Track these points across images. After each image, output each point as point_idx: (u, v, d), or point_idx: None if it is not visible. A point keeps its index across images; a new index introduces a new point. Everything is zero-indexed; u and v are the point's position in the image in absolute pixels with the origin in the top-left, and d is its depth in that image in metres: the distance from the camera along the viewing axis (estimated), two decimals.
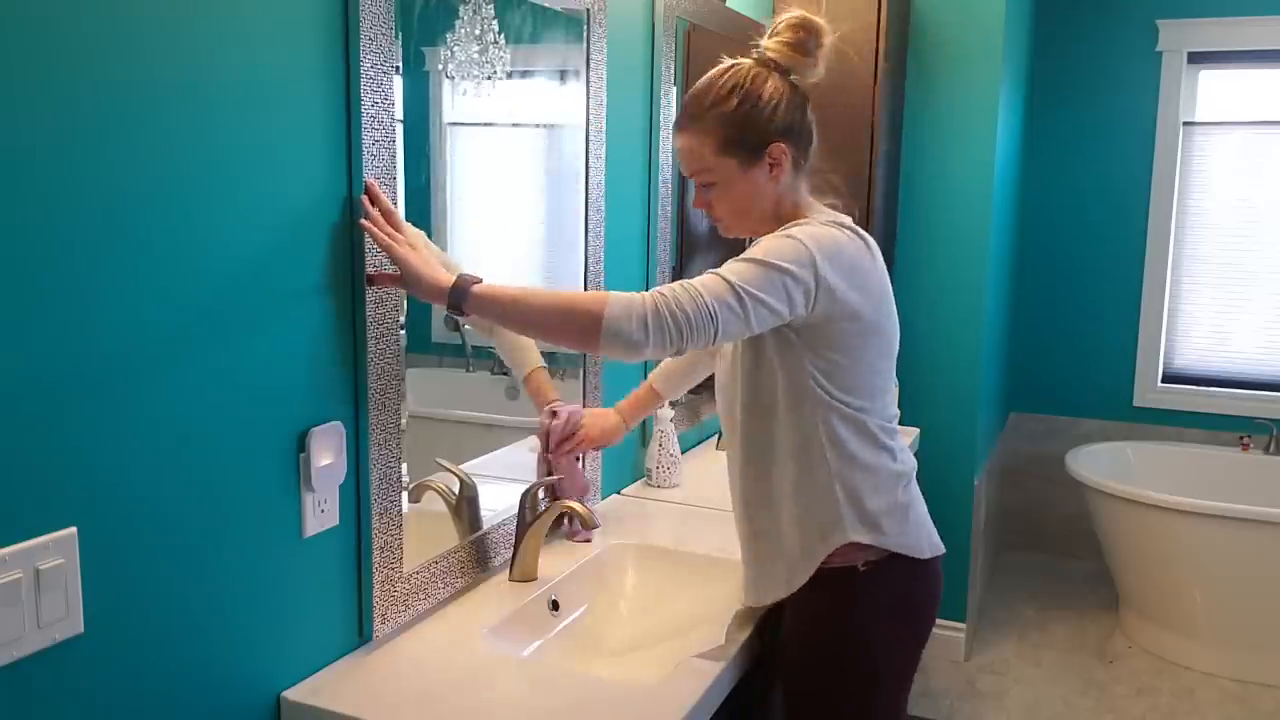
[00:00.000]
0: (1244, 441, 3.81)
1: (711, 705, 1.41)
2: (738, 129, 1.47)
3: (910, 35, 3.27)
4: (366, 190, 1.36)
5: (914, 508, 1.54)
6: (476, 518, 1.72)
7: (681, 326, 1.31)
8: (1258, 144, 3.85)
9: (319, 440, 1.34)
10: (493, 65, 1.65)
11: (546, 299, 1.38)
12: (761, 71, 1.50)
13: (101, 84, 1.02)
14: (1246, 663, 3.26)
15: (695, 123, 1.49)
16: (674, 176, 2.35)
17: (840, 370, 1.45)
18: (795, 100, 1.51)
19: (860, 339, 1.46)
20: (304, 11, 1.26)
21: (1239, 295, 3.93)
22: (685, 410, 2.53)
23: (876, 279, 1.48)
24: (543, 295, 1.39)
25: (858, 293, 1.43)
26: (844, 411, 1.46)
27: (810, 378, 1.45)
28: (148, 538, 1.12)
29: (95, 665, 1.07)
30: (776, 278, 1.36)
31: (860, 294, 1.43)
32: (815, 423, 1.46)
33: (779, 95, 1.49)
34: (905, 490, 1.53)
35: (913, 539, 1.51)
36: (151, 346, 1.10)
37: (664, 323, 1.31)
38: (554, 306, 1.36)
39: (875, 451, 1.49)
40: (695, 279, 1.35)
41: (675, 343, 1.32)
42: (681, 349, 1.33)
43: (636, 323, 1.30)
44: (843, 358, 1.45)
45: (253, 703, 1.29)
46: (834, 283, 1.39)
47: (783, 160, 1.49)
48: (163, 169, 1.09)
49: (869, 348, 1.47)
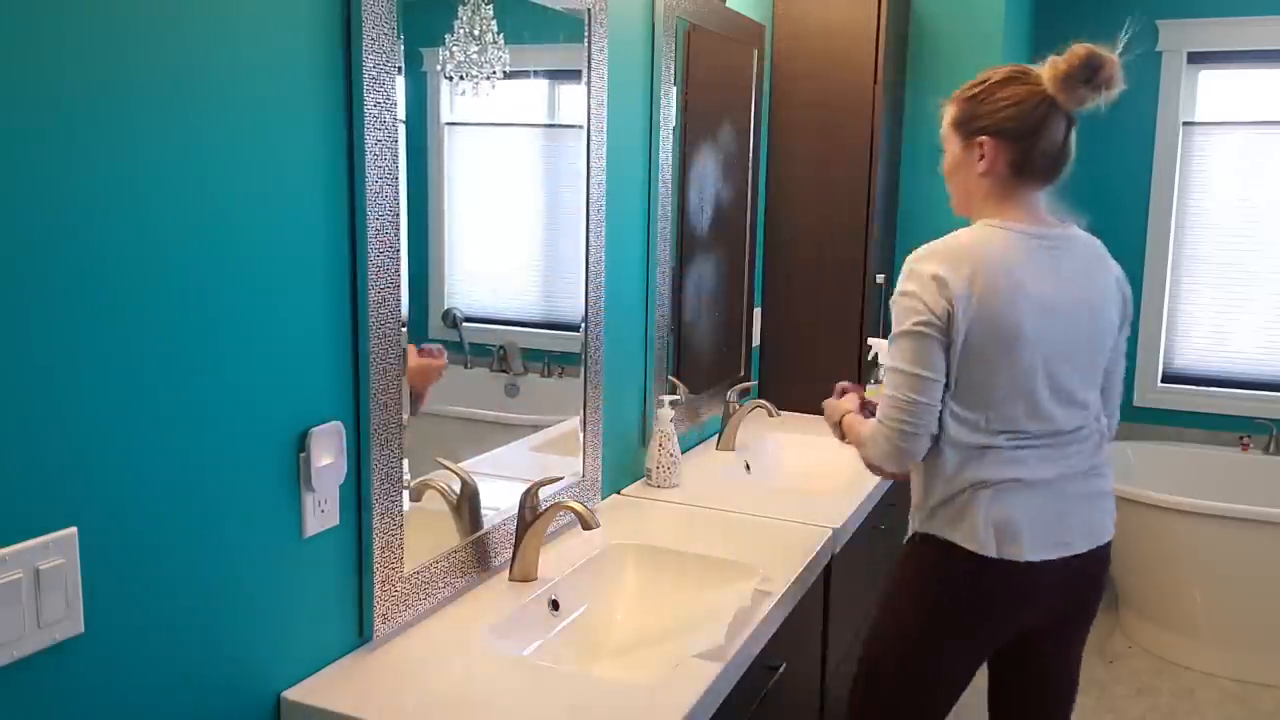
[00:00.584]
0: (1244, 441, 3.81)
1: (711, 705, 1.41)
2: (966, 113, 1.66)
3: (910, 36, 3.27)
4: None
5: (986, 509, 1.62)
6: (477, 517, 1.72)
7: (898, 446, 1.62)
8: (1258, 144, 3.85)
9: (319, 440, 1.34)
10: (492, 65, 1.65)
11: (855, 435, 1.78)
12: (1017, 76, 1.64)
13: (100, 84, 1.02)
14: (1246, 663, 3.26)
15: (953, 98, 1.70)
16: (674, 176, 2.35)
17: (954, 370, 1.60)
18: (1037, 111, 1.61)
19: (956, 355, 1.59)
20: (303, 12, 1.26)
21: (1239, 295, 3.93)
22: (685, 410, 2.53)
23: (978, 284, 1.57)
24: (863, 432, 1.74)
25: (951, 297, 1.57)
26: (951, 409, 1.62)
27: None
28: (148, 538, 1.12)
29: (95, 665, 1.07)
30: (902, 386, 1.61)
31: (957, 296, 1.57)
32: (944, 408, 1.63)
33: (1015, 100, 1.61)
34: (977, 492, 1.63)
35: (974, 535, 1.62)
36: (151, 346, 1.10)
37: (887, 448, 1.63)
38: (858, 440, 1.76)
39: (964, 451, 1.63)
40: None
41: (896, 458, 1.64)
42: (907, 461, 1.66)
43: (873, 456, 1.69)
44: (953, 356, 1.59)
45: (253, 703, 1.29)
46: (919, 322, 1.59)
47: (991, 155, 1.63)
48: (163, 169, 1.09)
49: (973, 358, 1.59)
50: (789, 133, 3.06)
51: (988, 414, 1.61)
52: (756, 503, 2.19)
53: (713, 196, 2.64)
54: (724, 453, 2.64)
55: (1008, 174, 1.64)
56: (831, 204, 3.02)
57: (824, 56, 2.99)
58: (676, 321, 2.47)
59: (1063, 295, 1.63)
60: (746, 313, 2.96)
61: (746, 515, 2.12)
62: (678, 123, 2.36)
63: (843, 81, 2.98)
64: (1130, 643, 3.51)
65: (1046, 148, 1.63)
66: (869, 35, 2.94)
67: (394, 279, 1.43)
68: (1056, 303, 1.62)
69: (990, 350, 1.58)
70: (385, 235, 1.40)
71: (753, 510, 2.15)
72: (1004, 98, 1.62)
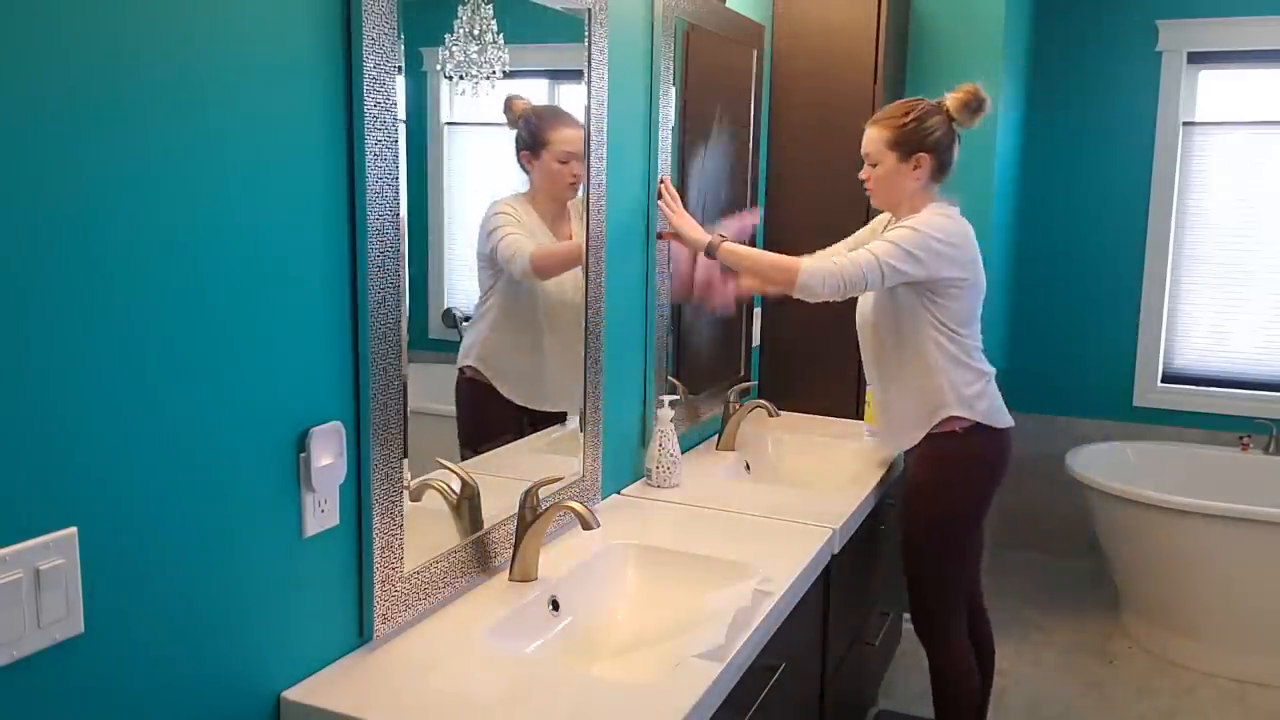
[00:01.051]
0: (1244, 441, 3.81)
1: (711, 705, 1.41)
2: (902, 137, 2.23)
3: (910, 36, 3.27)
4: (660, 181, 2.28)
5: (995, 396, 2.31)
6: (477, 517, 1.72)
7: (844, 286, 2.17)
8: (1257, 144, 3.85)
9: (319, 440, 1.34)
10: (492, 65, 1.65)
11: (766, 260, 2.28)
12: (933, 109, 2.25)
13: (101, 85, 1.01)
14: (1246, 663, 3.26)
15: (881, 122, 2.27)
16: (674, 176, 2.35)
17: (947, 309, 2.23)
18: (949, 136, 2.26)
19: (959, 288, 2.23)
20: (304, 12, 1.26)
21: (1238, 295, 3.93)
22: (685, 410, 2.53)
23: (970, 249, 2.25)
24: (763, 257, 2.30)
25: (956, 260, 2.20)
26: (949, 334, 2.25)
27: (926, 311, 2.24)
28: (148, 538, 1.12)
29: (95, 665, 1.07)
30: (903, 254, 2.16)
31: (959, 260, 2.21)
32: (927, 340, 2.25)
33: (938, 126, 2.24)
34: (988, 384, 2.30)
35: (993, 416, 2.29)
36: (151, 347, 1.10)
37: (836, 283, 2.16)
38: (771, 265, 2.26)
39: (969, 358, 2.27)
40: (855, 253, 2.18)
41: (840, 294, 2.18)
42: (843, 297, 2.20)
43: (817, 281, 2.17)
44: (949, 301, 2.23)
45: (253, 703, 1.29)
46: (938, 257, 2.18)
47: (924, 166, 2.24)
48: (163, 169, 1.09)
49: (965, 296, 2.25)
50: (789, 133, 3.06)
51: (969, 329, 2.28)
52: (756, 503, 2.19)
53: (713, 196, 2.64)
54: (724, 453, 2.64)
55: (928, 179, 2.26)
56: (831, 203, 3.02)
57: (824, 56, 2.99)
58: (676, 321, 2.47)
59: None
60: (746, 313, 2.96)
61: (746, 515, 2.12)
62: (677, 123, 2.36)
63: (843, 81, 2.98)
64: (1130, 643, 3.51)
65: (953, 158, 2.28)
66: (869, 35, 2.94)
67: (394, 279, 1.42)
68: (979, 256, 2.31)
69: (975, 286, 2.27)
70: (385, 235, 1.40)
71: (753, 510, 2.15)
72: (931, 125, 2.23)
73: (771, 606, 1.66)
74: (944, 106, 2.24)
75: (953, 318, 2.24)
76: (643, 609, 1.81)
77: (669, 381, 2.45)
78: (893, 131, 2.23)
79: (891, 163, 2.24)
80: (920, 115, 2.23)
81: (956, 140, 2.27)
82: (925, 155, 2.22)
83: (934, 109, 2.24)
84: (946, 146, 2.25)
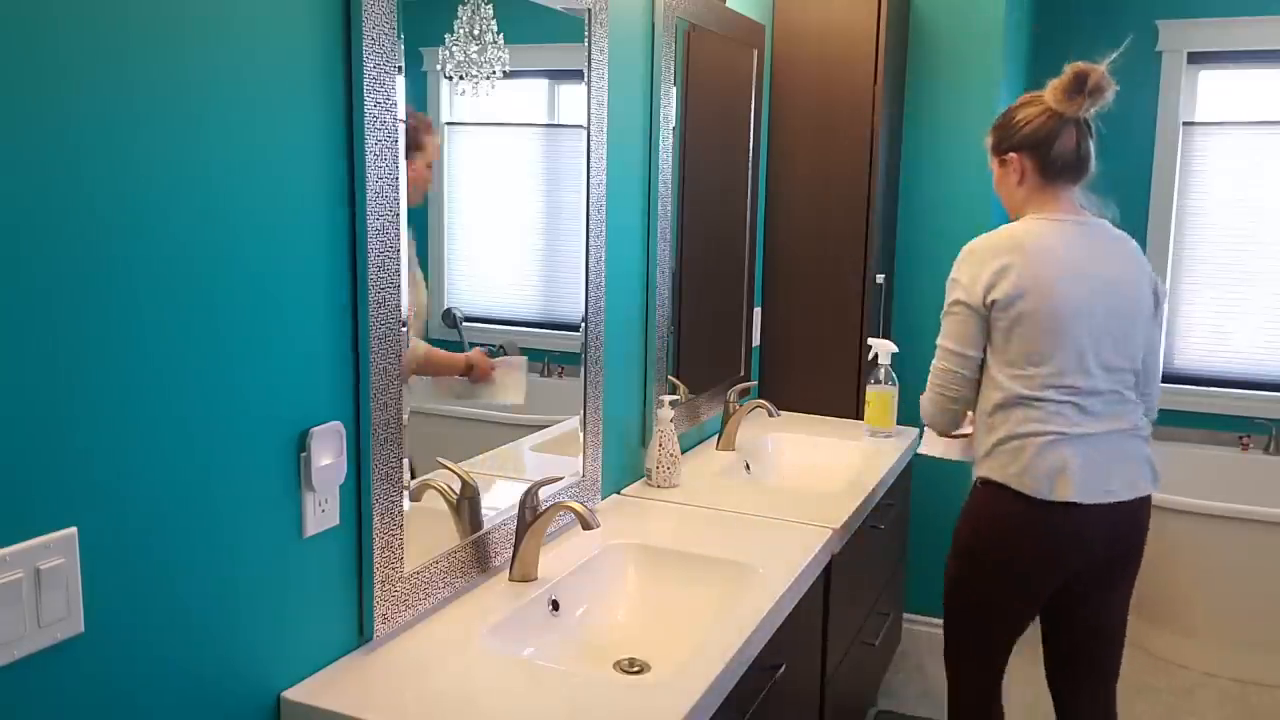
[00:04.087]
0: (1244, 441, 3.81)
1: (711, 705, 1.41)
2: (996, 139, 2.03)
3: (910, 35, 3.27)
4: None
5: (1041, 455, 1.89)
6: (477, 517, 1.72)
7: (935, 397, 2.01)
8: (1258, 144, 3.85)
9: (319, 440, 1.34)
10: (492, 65, 1.65)
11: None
12: (1028, 100, 1.99)
13: (102, 85, 1.02)
14: (1246, 663, 3.26)
15: (988, 132, 2.07)
16: (674, 176, 2.35)
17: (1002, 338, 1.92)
18: (1047, 124, 1.95)
19: (1005, 313, 1.90)
20: (303, 12, 1.26)
21: (1239, 295, 3.93)
22: (685, 410, 2.53)
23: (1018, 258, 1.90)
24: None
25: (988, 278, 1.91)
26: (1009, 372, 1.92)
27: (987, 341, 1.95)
28: (148, 538, 1.12)
29: (95, 665, 1.07)
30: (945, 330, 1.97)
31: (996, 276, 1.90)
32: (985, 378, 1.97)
33: (1028, 119, 1.97)
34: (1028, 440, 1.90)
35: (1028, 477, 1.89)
36: (152, 347, 1.10)
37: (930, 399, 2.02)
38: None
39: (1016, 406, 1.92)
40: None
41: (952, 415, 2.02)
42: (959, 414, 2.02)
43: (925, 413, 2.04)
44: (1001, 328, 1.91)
45: (253, 703, 1.29)
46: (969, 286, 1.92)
47: (1021, 166, 1.98)
48: (163, 169, 1.09)
49: (1021, 321, 1.89)
50: (789, 133, 3.06)
51: (1037, 369, 1.89)
52: (756, 503, 2.19)
53: (713, 196, 2.64)
54: (724, 453, 2.64)
55: (1037, 179, 1.97)
56: (831, 204, 3.02)
57: (824, 56, 2.99)
58: (676, 321, 2.47)
59: (1092, 264, 1.93)
60: (746, 313, 2.96)
61: (746, 515, 2.12)
62: (678, 123, 2.36)
63: (843, 82, 2.98)
64: (1130, 642, 3.51)
65: (1062, 151, 1.95)
66: (869, 35, 2.94)
67: (394, 279, 1.43)
68: (1086, 269, 1.91)
69: (1033, 313, 1.88)
70: (385, 235, 1.40)
71: (753, 510, 2.15)
72: (1020, 119, 1.97)
73: (771, 606, 1.66)
74: (1041, 96, 1.97)
75: (1010, 348, 1.91)
76: (642, 609, 1.81)
77: (669, 381, 2.45)
78: (990, 134, 2.05)
79: (995, 169, 2.05)
80: (1011, 109, 2.01)
81: (1067, 131, 1.94)
82: (1017, 154, 1.98)
83: (1030, 100, 1.99)
84: (1046, 140, 1.94)
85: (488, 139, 1.75)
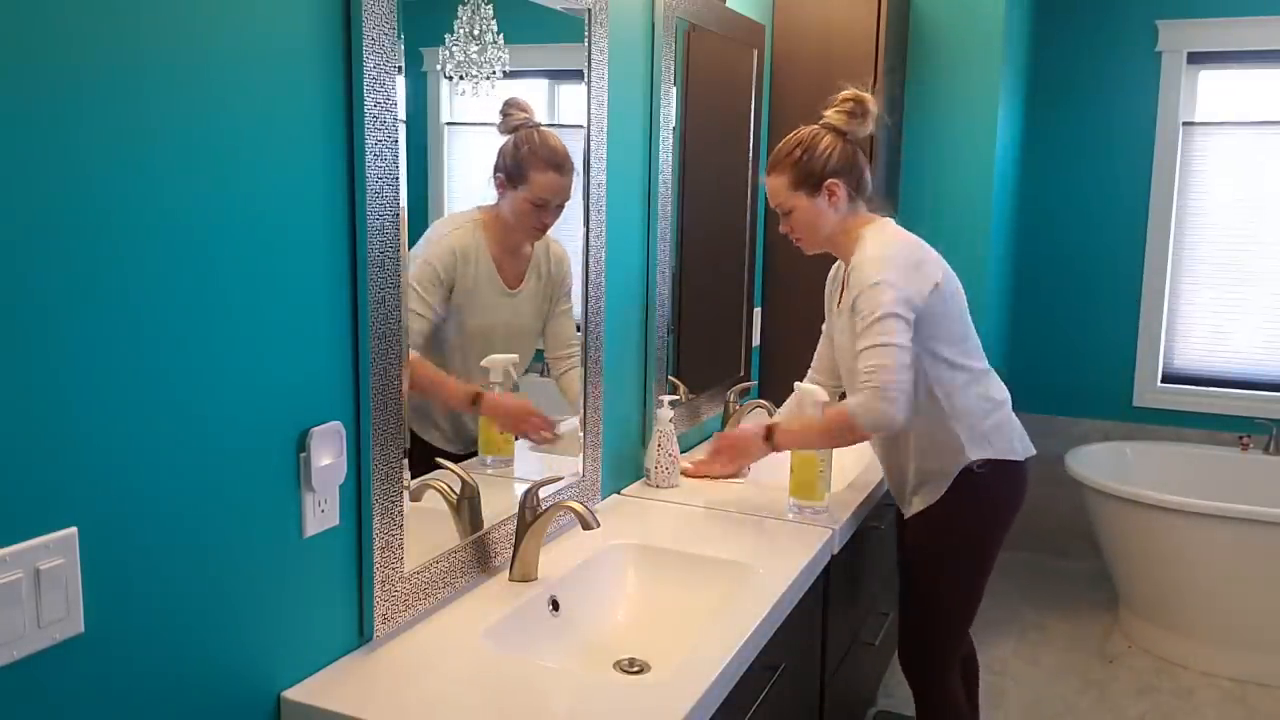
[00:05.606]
0: (1244, 441, 3.81)
1: (711, 705, 1.41)
2: (802, 173, 2.06)
3: (910, 35, 3.27)
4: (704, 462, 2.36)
5: (1010, 423, 2.12)
6: (477, 517, 1.72)
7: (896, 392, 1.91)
8: (1257, 144, 3.85)
9: (319, 440, 1.34)
10: (492, 65, 1.65)
11: (820, 428, 2.06)
12: (818, 132, 2.09)
13: (103, 84, 1.02)
14: (1246, 663, 3.26)
15: (775, 168, 2.10)
16: (674, 176, 2.35)
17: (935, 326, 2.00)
18: (850, 150, 2.09)
19: (942, 304, 2.01)
20: (303, 12, 1.26)
21: (1238, 295, 3.93)
22: (685, 410, 2.53)
23: (925, 250, 2.07)
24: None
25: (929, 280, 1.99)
26: (949, 361, 2.03)
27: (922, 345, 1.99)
28: (148, 538, 1.12)
29: (95, 665, 1.07)
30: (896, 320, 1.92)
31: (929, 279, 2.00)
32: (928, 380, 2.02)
33: (831, 146, 2.07)
34: (1000, 410, 2.10)
35: (1012, 447, 2.10)
36: (152, 347, 1.10)
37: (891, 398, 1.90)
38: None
39: (976, 384, 2.07)
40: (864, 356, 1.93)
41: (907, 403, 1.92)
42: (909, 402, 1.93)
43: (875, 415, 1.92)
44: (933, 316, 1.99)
45: (253, 703, 1.29)
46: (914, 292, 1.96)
47: (838, 191, 2.06)
48: (162, 168, 1.09)
49: (946, 302, 2.02)
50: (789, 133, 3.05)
51: (964, 345, 2.07)
52: (756, 503, 2.19)
53: (713, 196, 2.64)
54: None
55: (849, 200, 2.09)
56: None
57: (824, 56, 2.99)
58: (676, 321, 2.47)
59: None
60: (746, 313, 2.96)
61: (746, 515, 2.12)
62: (678, 123, 2.36)
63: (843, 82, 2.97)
64: (1130, 643, 3.51)
65: (863, 169, 2.11)
66: (869, 35, 2.94)
67: (394, 279, 1.42)
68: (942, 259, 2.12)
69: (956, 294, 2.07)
70: (386, 235, 1.40)
71: (753, 510, 2.15)
72: (824, 149, 2.06)
73: (771, 606, 1.66)
74: (830, 124, 2.07)
75: (943, 334, 2.02)
76: (642, 609, 1.81)
77: (669, 381, 2.45)
78: (790, 172, 2.06)
79: (805, 203, 2.06)
80: (808, 144, 2.06)
81: (860, 151, 2.11)
82: (835, 180, 2.05)
83: (820, 131, 2.08)
84: (852, 162, 2.07)
85: (488, 139, 1.75)
